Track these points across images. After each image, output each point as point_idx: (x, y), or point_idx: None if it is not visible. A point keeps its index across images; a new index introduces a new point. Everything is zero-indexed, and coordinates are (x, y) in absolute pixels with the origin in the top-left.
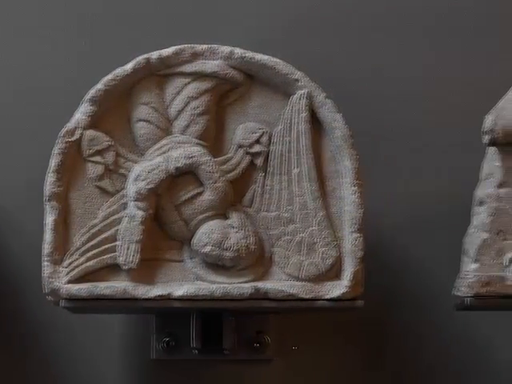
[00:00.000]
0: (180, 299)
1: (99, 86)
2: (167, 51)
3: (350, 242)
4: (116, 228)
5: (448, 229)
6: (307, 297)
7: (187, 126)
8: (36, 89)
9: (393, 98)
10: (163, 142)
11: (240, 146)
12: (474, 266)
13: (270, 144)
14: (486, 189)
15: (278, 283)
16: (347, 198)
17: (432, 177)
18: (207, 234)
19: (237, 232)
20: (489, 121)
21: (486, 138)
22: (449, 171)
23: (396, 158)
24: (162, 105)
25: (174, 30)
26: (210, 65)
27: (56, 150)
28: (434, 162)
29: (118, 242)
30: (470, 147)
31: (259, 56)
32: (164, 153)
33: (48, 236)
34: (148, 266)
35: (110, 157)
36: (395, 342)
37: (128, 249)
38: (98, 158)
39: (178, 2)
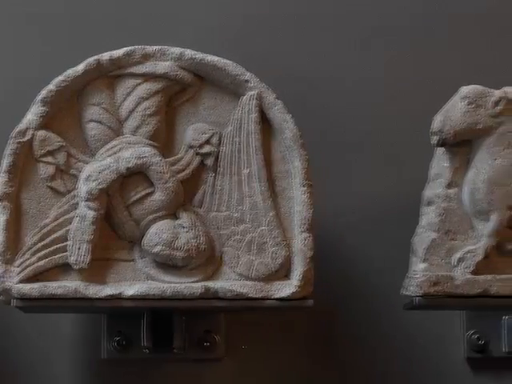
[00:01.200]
0: (131, 299)
1: (50, 86)
2: (118, 52)
3: (300, 242)
4: (67, 228)
5: (397, 229)
6: (257, 296)
7: (138, 127)
8: None
9: (343, 98)
10: (114, 142)
11: (190, 147)
12: (422, 265)
13: (220, 144)
14: (434, 189)
15: (228, 282)
16: (297, 198)
17: (381, 177)
18: (157, 233)
19: (187, 232)
20: (437, 122)
21: (434, 139)
22: (398, 171)
23: (345, 158)
24: (112, 105)
25: (125, 31)
26: (161, 66)
27: (8, 150)
28: (382, 161)
29: (69, 242)
30: (419, 147)
31: (209, 57)
32: (115, 153)
33: (0, 236)
34: (99, 266)
35: (61, 157)
36: (345, 341)
37: (79, 249)
38: (49, 159)
39: (129, 3)
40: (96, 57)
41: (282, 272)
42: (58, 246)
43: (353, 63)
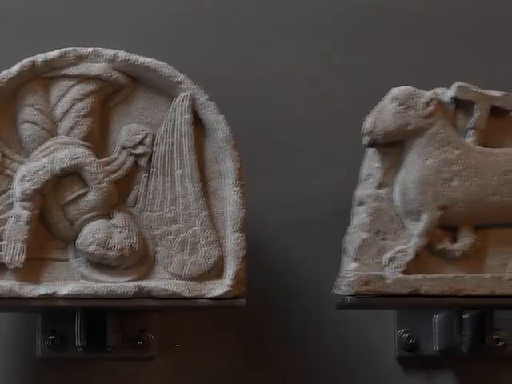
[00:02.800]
0: (65, 298)
1: None
2: (52, 54)
3: (232, 242)
4: (2, 228)
5: (329, 228)
6: (190, 295)
7: (72, 128)
8: None
9: (276, 98)
10: (48, 143)
11: (124, 148)
12: (353, 265)
13: (153, 145)
14: (365, 189)
15: (161, 282)
16: (229, 198)
17: (313, 177)
18: (91, 233)
19: (120, 232)
20: (368, 122)
21: (365, 140)
22: (330, 171)
23: (278, 158)
24: (47, 106)
25: (59, 32)
26: (94, 67)
27: None
28: (314, 162)
29: (3, 242)
30: (351, 148)
31: (142, 59)
32: (49, 154)
33: None
34: (33, 266)
35: None
36: (278, 341)
37: (14, 248)
38: None
39: (63, 5)
40: (30, 58)
41: (215, 271)
42: None
43: (287, 63)
